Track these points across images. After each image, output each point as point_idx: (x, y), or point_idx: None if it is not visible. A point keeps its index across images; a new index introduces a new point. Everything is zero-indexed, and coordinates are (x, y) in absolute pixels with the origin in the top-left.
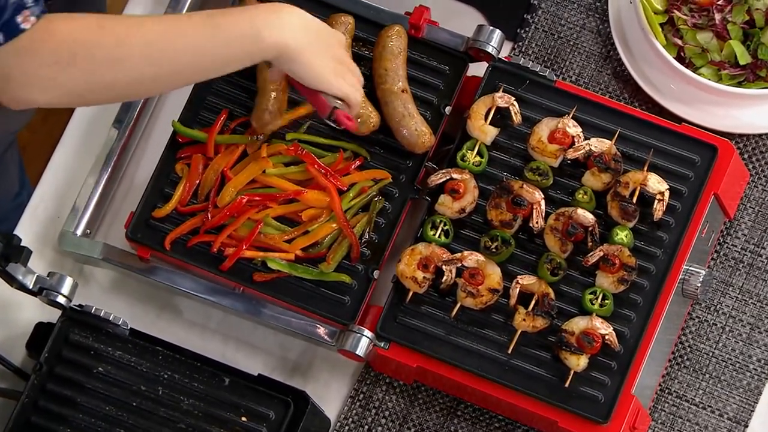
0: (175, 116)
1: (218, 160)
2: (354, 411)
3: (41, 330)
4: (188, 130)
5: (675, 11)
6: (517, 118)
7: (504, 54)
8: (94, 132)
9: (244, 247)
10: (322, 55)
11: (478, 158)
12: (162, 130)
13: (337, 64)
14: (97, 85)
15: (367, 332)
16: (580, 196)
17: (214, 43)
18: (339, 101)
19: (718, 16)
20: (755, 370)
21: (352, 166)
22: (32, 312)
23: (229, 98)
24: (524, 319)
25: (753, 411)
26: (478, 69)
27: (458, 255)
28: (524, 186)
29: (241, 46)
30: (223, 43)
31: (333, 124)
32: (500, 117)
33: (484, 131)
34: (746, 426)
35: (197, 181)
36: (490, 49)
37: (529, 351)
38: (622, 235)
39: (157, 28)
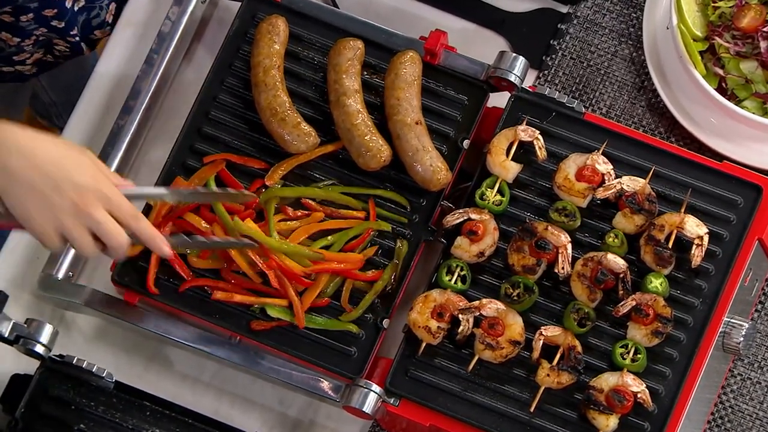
0: (164, 153)
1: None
2: None
3: (17, 382)
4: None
5: (716, 38)
6: (541, 154)
7: (528, 83)
8: None
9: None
10: (38, 199)
11: (498, 197)
12: (152, 165)
13: (64, 217)
14: None
15: (376, 387)
16: (611, 239)
17: None
18: None
19: (763, 44)
20: None
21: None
22: (8, 363)
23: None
24: (548, 375)
25: None
26: (499, 99)
27: (476, 303)
28: (549, 228)
29: None
30: None
31: None
32: (523, 152)
33: (506, 167)
34: None
35: None
36: (512, 78)
37: (553, 409)
38: (657, 283)
39: None
